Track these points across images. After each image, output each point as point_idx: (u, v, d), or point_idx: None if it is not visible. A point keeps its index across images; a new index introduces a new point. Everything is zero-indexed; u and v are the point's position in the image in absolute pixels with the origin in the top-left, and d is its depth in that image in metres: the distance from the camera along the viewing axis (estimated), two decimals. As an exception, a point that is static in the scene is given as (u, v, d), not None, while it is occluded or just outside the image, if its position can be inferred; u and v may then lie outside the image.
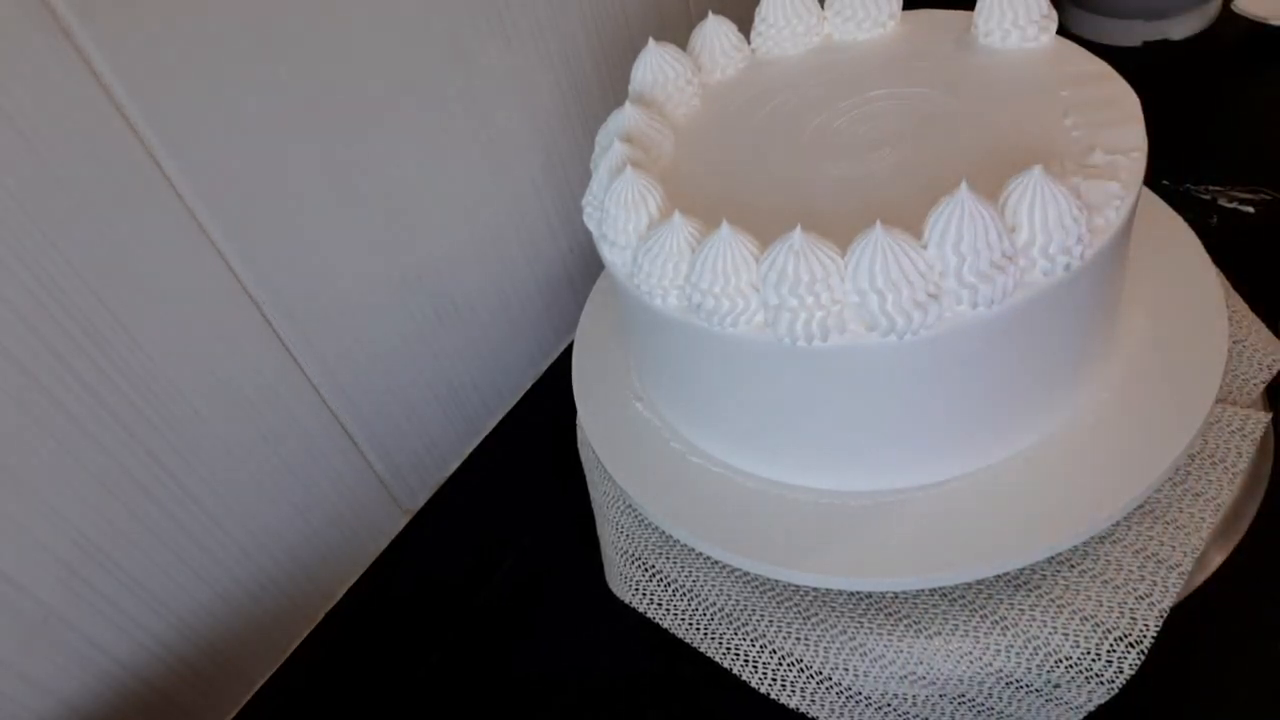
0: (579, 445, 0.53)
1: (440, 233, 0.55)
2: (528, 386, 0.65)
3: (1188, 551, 0.39)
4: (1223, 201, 0.59)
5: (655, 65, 0.48)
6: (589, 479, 0.52)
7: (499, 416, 0.64)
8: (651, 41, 0.48)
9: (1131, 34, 0.72)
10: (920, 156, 0.41)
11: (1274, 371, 0.45)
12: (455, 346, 0.59)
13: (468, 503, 0.59)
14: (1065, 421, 0.41)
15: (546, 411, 0.60)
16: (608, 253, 0.42)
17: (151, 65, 0.39)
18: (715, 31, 0.50)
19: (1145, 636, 0.37)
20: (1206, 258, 0.46)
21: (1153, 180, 0.40)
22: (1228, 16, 0.71)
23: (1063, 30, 0.45)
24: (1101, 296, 0.39)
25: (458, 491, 0.60)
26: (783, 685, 0.42)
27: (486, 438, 0.63)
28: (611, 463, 0.47)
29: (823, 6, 0.51)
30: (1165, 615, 0.38)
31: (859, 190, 0.41)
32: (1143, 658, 0.37)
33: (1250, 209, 0.58)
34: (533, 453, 0.60)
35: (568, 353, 0.55)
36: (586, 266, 0.65)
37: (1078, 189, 0.35)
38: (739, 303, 0.36)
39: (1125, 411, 0.41)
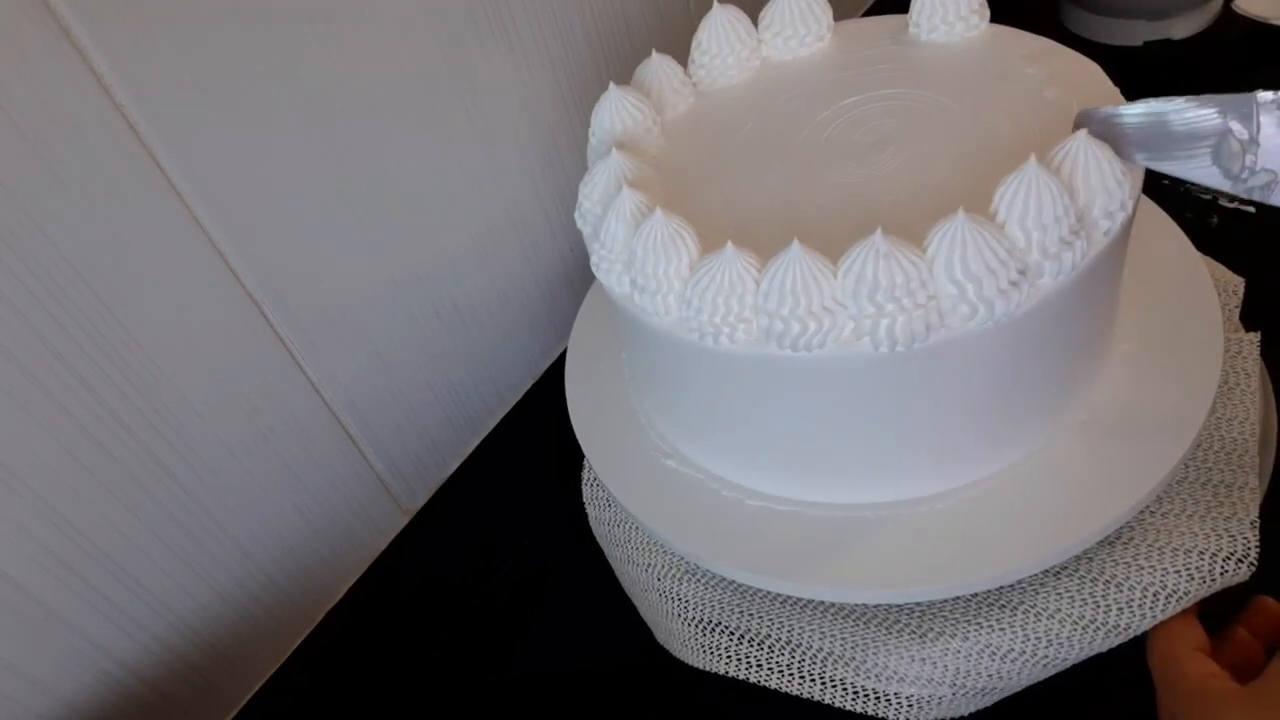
0: (585, 504, 0.52)
1: (440, 232, 0.55)
2: (528, 386, 0.65)
3: (1251, 470, 0.39)
4: (1223, 201, 0.59)
5: (616, 112, 0.46)
6: (610, 558, 0.50)
7: (499, 416, 0.64)
8: (612, 86, 0.46)
9: (1133, 33, 0.72)
10: (916, 156, 0.41)
11: (1239, 296, 0.46)
12: (455, 346, 0.59)
13: (468, 503, 0.60)
14: (1071, 419, 0.41)
15: (546, 411, 0.60)
16: (604, 279, 0.41)
17: (151, 64, 0.39)
18: (660, 70, 0.48)
19: (1250, 549, 0.37)
20: (1190, 246, 0.46)
21: (1152, 180, 0.39)
22: (1229, 16, 0.71)
23: (1063, 30, 0.45)
24: (1105, 294, 0.39)
25: (458, 491, 0.60)
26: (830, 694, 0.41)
27: (486, 438, 0.63)
28: (623, 493, 0.46)
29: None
30: (1258, 523, 0.38)
31: (854, 201, 0.40)
32: (1254, 568, 0.37)
33: (1250, 209, 0.58)
34: (533, 453, 0.60)
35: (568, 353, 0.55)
36: (586, 266, 0.65)
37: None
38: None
39: (1129, 407, 0.41)
